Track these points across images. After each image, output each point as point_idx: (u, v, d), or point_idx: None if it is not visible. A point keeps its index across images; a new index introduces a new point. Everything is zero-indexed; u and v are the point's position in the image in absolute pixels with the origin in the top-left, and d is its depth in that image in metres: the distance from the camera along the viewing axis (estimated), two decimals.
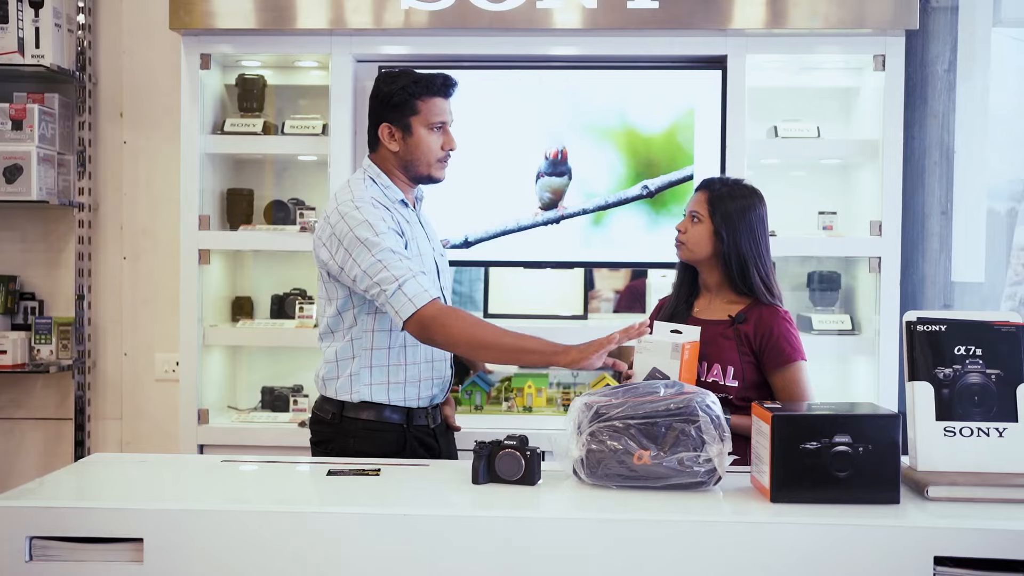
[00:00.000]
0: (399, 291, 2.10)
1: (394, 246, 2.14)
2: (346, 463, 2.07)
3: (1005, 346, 1.87)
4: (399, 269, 2.12)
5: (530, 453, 1.87)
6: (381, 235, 2.14)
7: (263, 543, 1.70)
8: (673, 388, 1.86)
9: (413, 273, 2.12)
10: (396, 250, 2.14)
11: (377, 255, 2.13)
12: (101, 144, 3.46)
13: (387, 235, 2.15)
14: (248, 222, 3.29)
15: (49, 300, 3.47)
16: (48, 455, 3.45)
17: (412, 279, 2.11)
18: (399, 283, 2.10)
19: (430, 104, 2.24)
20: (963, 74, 3.10)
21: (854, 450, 1.74)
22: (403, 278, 2.11)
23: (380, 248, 2.13)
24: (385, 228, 2.16)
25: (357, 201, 2.19)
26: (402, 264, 2.13)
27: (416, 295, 2.10)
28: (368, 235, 2.14)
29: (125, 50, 3.44)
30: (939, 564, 1.63)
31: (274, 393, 3.29)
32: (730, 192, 2.27)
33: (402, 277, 2.11)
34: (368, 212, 2.17)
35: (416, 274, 2.13)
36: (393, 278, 2.11)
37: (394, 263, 2.12)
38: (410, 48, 3.11)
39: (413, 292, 2.10)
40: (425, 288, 2.12)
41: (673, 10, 2.98)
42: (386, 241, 2.14)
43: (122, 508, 1.74)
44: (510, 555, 1.68)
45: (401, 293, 2.10)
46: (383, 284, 2.12)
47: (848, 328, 3.14)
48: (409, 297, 2.10)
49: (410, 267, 2.13)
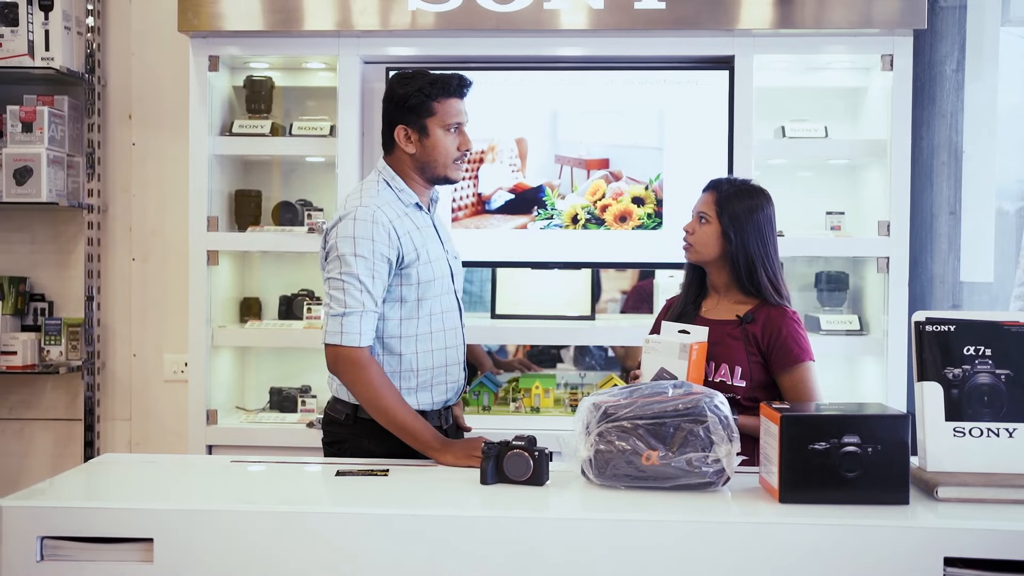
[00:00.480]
0: (339, 318, 2.13)
1: (363, 274, 2.14)
2: (355, 463, 2.07)
3: (1015, 346, 1.86)
4: (353, 299, 2.13)
5: (538, 453, 1.87)
6: (358, 257, 2.14)
7: (272, 543, 1.70)
8: (681, 388, 1.86)
9: (364, 309, 2.13)
10: (363, 279, 2.14)
11: (343, 275, 2.14)
12: (110, 146, 3.47)
13: (364, 260, 2.14)
14: (256, 223, 3.30)
15: (59, 301, 3.48)
16: (58, 456, 3.46)
17: (357, 315, 2.13)
18: (344, 312, 2.13)
19: (446, 105, 2.24)
20: (971, 74, 3.09)
21: (863, 450, 1.73)
22: (351, 309, 2.13)
23: (350, 271, 2.14)
24: (368, 251, 2.14)
25: (360, 211, 2.18)
26: (359, 296, 2.13)
27: (349, 332, 2.12)
28: (347, 251, 2.14)
29: (134, 52, 3.45)
30: (949, 565, 1.63)
31: (282, 394, 3.29)
32: (737, 192, 2.27)
33: (351, 308, 2.13)
34: (361, 228, 2.15)
35: (366, 312, 2.13)
36: (343, 303, 2.13)
37: (352, 291, 2.13)
38: (417, 49, 3.11)
39: (349, 328, 2.13)
40: (362, 331, 2.13)
41: (680, 11, 2.97)
42: (358, 266, 2.13)
43: (132, 508, 1.75)
44: (518, 555, 1.68)
45: (339, 321, 2.13)
46: (333, 302, 2.15)
47: (856, 328, 3.14)
48: (343, 330, 2.13)
49: (364, 302, 2.13)
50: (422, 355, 2.25)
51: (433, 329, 2.26)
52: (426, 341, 2.24)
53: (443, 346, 2.27)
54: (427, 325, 2.25)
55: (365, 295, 2.14)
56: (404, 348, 2.23)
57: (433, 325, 2.25)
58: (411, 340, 2.23)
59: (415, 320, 2.23)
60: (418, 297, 2.22)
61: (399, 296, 2.21)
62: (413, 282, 2.21)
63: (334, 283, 2.15)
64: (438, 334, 2.26)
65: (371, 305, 2.15)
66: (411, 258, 2.20)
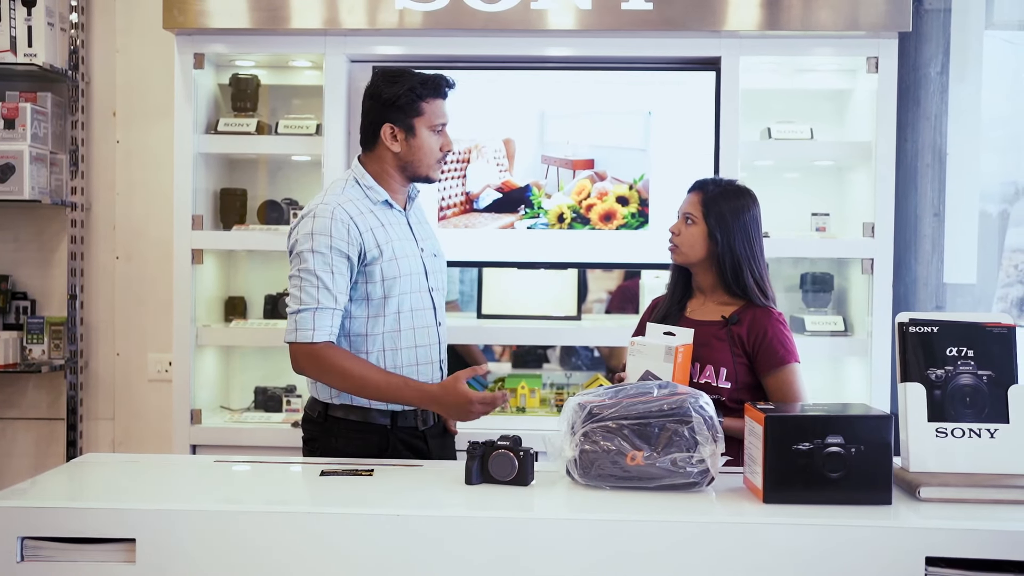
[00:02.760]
0: (293, 316, 2.16)
1: (320, 270, 2.15)
2: (339, 463, 2.07)
3: (997, 347, 1.87)
4: (308, 296, 2.15)
5: (523, 453, 1.87)
6: (315, 254, 2.15)
7: (255, 544, 1.70)
8: (666, 389, 1.86)
9: (318, 306, 2.14)
10: (320, 275, 2.15)
11: (301, 272, 2.16)
12: (94, 143, 3.45)
13: (321, 256, 2.15)
14: (241, 222, 3.29)
15: (41, 300, 3.46)
16: (40, 455, 3.44)
17: (311, 311, 2.14)
18: (299, 308, 2.15)
19: (433, 106, 2.25)
20: (956, 76, 3.11)
21: (846, 451, 1.74)
22: (305, 306, 2.15)
23: (306, 267, 2.16)
24: (325, 247, 2.15)
25: (319, 208, 2.19)
26: (314, 293, 2.15)
27: (302, 329, 2.14)
28: (304, 248, 2.16)
29: (118, 49, 3.43)
30: (931, 565, 1.63)
31: (267, 393, 3.28)
32: (724, 193, 2.27)
33: (305, 304, 2.15)
34: (319, 225, 2.16)
35: (320, 308, 2.14)
36: (298, 300, 2.16)
37: (308, 288, 2.15)
38: (404, 48, 3.10)
39: (302, 325, 2.14)
40: (315, 326, 2.14)
41: (667, 12, 2.98)
42: (315, 262, 2.15)
43: (114, 508, 1.73)
44: (503, 556, 1.68)
45: (293, 319, 2.16)
46: (290, 300, 2.19)
47: (841, 329, 3.15)
48: (296, 327, 2.15)
49: (319, 298, 2.14)
50: (389, 353, 2.23)
51: (402, 327, 2.24)
52: (393, 339, 2.23)
53: (412, 344, 2.26)
54: (395, 323, 2.23)
55: (322, 291, 2.15)
56: (370, 346, 2.23)
57: (402, 323, 2.24)
58: (377, 338, 2.22)
59: (382, 318, 2.22)
60: (384, 295, 2.21)
61: (364, 294, 2.21)
62: (377, 279, 2.20)
63: (292, 280, 2.19)
64: (407, 332, 2.25)
65: (328, 302, 2.15)
66: (374, 255, 2.20)
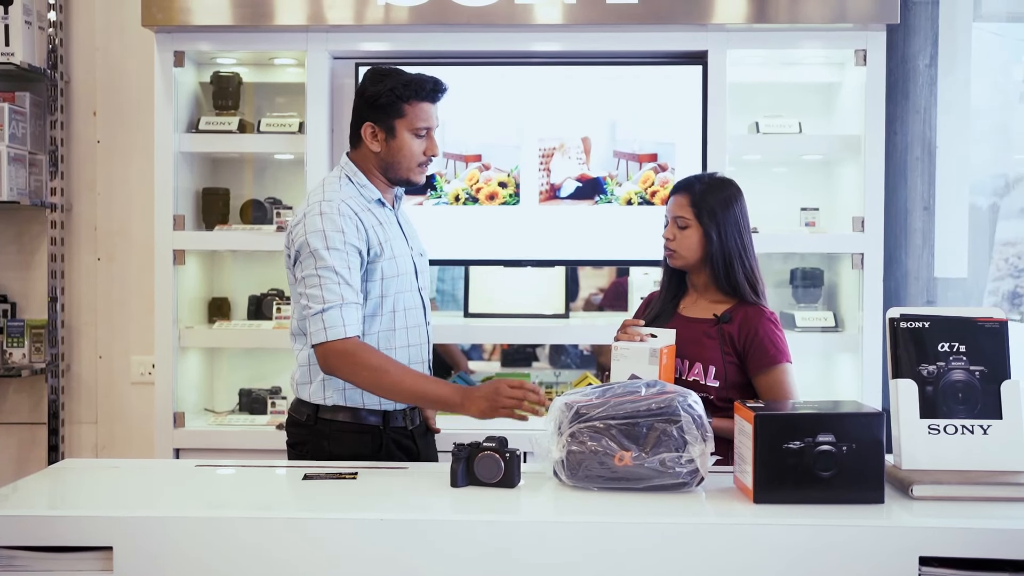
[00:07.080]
0: (320, 315, 2.08)
1: (339, 265, 2.09)
2: (323, 467, 2.03)
3: (989, 342, 1.85)
4: (331, 293, 2.08)
5: (510, 455, 1.84)
6: (331, 250, 2.09)
7: (236, 550, 1.66)
8: (654, 388, 1.83)
9: (343, 302, 2.08)
10: (340, 271, 2.09)
11: (319, 269, 2.09)
12: (74, 143, 3.40)
13: (338, 252, 2.10)
14: (224, 222, 3.24)
15: (22, 302, 3.41)
16: (21, 460, 3.39)
17: (337, 308, 2.08)
18: (323, 307, 2.07)
19: (417, 108, 2.19)
20: (944, 69, 3.09)
21: (838, 449, 1.72)
22: (329, 304, 2.08)
23: (324, 264, 2.09)
24: (340, 242, 2.10)
25: (323, 205, 2.14)
26: (337, 289, 2.08)
27: (332, 327, 2.07)
28: (319, 245, 2.10)
29: (98, 48, 3.38)
30: (924, 564, 1.61)
31: (252, 395, 3.24)
32: (710, 187, 2.25)
33: (329, 303, 2.08)
34: (329, 221, 2.11)
35: (345, 304, 2.08)
36: (321, 299, 2.08)
37: (329, 284, 2.08)
38: (388, 44, 3.07)
39: (331, 323, 2.07)
40: (346, 322, 2.08)
41: (653, 5, 2.95)
42: (332, 258, 2.09)
43: (91, 516, 1.69)
44: (490, 559, 1.65)
45: (320, 318, 2.08)
46: (311, 301, 2.09)
47: (831, 325, 3.13)
48: (325, 326, 2.07)
49: (343, 294, 2.09)
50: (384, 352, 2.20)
51: (396, 327, 2.22)
52: (388, 338, 2.20)
53: (405, 344, 2.23)
54: (390, 322, 2.21)
55: (344, 287, 2.09)
56: None
57: (396, 323, 2.22)
58: (373, 338, 2.19)
59: (379, 317, 2.19)
60: (382, 293, 2.18)
61: (364, 292, 2.17)
62: (377, 278, 2.17)
63: (310, 280, 2.10)
64: (400, 332, 2.22)
65: (351, 296, 2.10)
66: (376, 252, 2.17)
